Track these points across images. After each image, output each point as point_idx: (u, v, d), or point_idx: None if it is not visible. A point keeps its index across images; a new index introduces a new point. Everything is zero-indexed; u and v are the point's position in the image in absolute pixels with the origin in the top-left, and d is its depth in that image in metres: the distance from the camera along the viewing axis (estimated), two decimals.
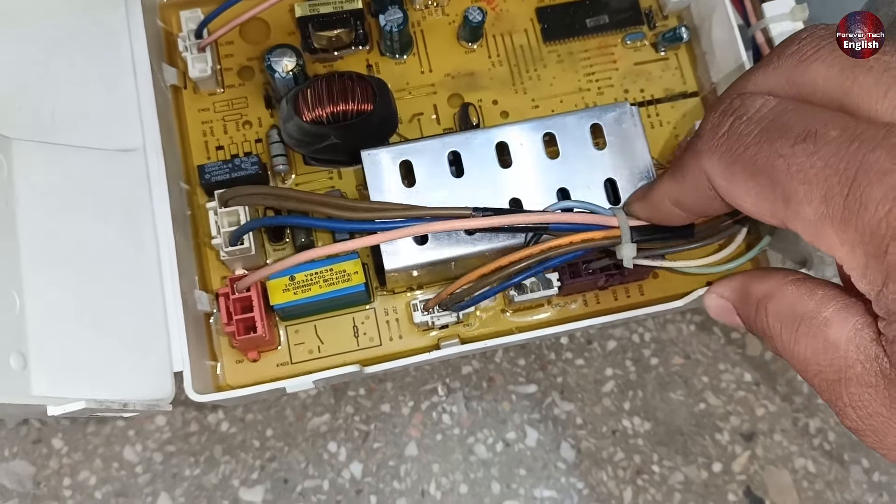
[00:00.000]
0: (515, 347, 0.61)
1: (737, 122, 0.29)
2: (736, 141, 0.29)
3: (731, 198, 0.30)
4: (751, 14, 0.49)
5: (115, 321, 0.42)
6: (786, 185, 0.27)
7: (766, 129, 0.28)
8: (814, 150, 0.26)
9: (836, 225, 0.25)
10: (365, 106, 0.44)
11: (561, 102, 0.51)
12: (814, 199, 0.26)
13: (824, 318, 0.28)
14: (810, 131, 0.26)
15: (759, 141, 0.28)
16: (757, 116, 0.29)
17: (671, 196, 0.35)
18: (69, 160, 0.43)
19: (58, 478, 0.58)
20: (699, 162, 0.31)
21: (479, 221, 0.39)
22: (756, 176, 0.28)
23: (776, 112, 0.28)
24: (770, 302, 0.31)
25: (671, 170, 0.34)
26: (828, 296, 0.29)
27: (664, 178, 0.35)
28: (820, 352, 0.28)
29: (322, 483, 0.58)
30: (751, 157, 0.28)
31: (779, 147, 0.27)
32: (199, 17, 0.48)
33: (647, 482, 0.58)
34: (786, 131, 0.27)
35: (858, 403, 0.27)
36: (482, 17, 0.50)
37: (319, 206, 0.41)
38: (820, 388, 0.28)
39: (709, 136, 0.30)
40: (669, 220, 0.37)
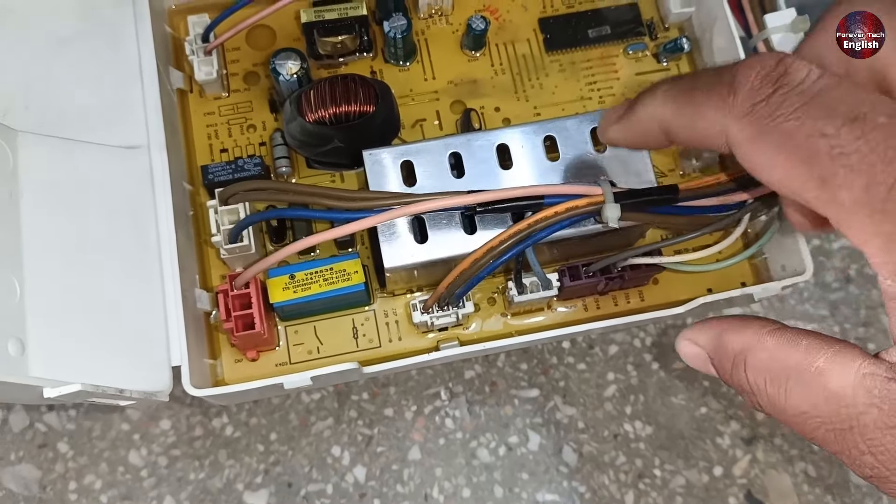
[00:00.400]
0: (517, 352, 0.61)
1: (779, 92, 0.27)
2: (775, 110, 0.27)
3: (755, 166, 0.28)
4: (752, 25, 0.49)
5: (114, 313, 0.42)
6: (825, 166, 0.25)
7: (810, 105, 0.26)
8: (861, 135, 0.25)
9: (876, 214, 0.24)
10: (367, 107, 0.45)
11: (562, 110, 0.52)
12: (854, 185, 0.25)
13: (817, 369, 0.27)
14: (859, 114, 0.25)
15: (802, 115, 0.26)
16: (801, 88, 0.27)
17: (665, 123, 0.32)
18: (73, 154, 0.44)
19: (63, 482, 0.58)
20: (725, 120, 0.29)
21: (472, 198, 0.40)
22: (791, 151, 0.26)
23: (821, 86, 0.27)
24: (749, 355, 0.29)
25: (674, 95, 0.32)
26: (813, 345, 0.27)
27: (658, 98, 0.33)
28: (820, 404, 0.26)
29: (326, 487, 0.58)
30: (789, 130, 0.26)
31: (822, 126, 0.26)
32: (206, 22, 0.49)
33: (649, 486, 0.58)
34: (832, 110, 0.26)
35: (879, 448, 0.25)
36: (485, 26, 0.50)
37: (318, 197, 0.41)
38: (825, 440, 0.27)
39: (745, 97, 0.28)
40: (647, 142, 0.35)
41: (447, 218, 0.42)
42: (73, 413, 0.60)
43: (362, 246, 0.49)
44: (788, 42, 0.48)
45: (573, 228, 0.42)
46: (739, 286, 0.48)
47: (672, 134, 0.32)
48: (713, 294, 0.45)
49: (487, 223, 0.42)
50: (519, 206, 0.40)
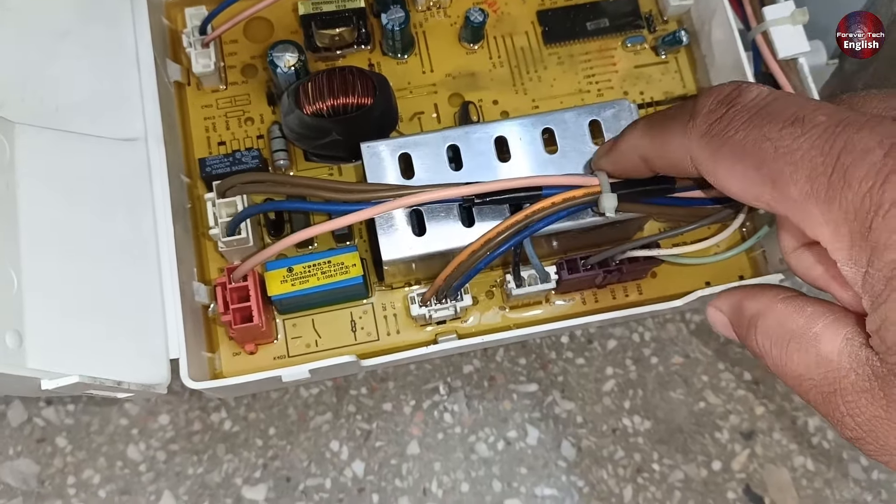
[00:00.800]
0: (516, 347, 0.61)
1: (731, 110, 0.29)
2: (727, 126, 0.29)
3: (717, 180, 0.30)
4: (751, 18, 0.49)
5: (112, 305, 0.42)
6: (772, 167, 0.27)
7: (757, 115, 0.28)
8: (800, 133, 0.26)
9: (821, 204, 0.25)
10: (365, 100, 0.45)
11: (561, 103, 0.52)
12: (799, 179, 0.26)
13: (814, 334, 0.28)
14: (798, 116, 0.27)
15: (749, 126, 0.28)
16: (751, 104, 0.29)
17: (643, 153, 0.35)
18: (71, 146, 0.44)
19: (62, 476, 0.58)
20: (687, 142, 0.31)
21: (470, 188, 0.40)
22: (743, 159, 0.28)
23: (768, 100, 0.29)
24: (760, 320, 0.31)
25: (649, 127, 0.35)
26: (818, 311, 0.29)
27: (637, 132, 0.36)
28: (813, 366, 0.28)
29: (324, 481, 0.58)
30: (739, 140, 0.28)
31: (767, 131, 0.27)
32: (203, 14, 0.49)
33: (648, 480, 0.58)
34: (775, 116, 0.27)
35: (856, 411, 0.26)
36: (483, 18, 0.50)
37: (315, 189, 0.41)
38: (816, 402, 0.28)
39: (703, 120, 0.30)
40: (633, 172, 0.38)
41: (445, 210, 0.42)
42: (72, 408, 0.60)
43: (360, 239, 0.48)
44: (787, 34, 0.47)
45: (571, 221, 0.42)
46: (737, 279, 0.48)
47: (650, 163, 0.35)
48: (711, 287, 0.45)
49: (485, 215, 0.42)
50: (517, 198, 0.40)
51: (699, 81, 0.53)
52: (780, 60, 0.47)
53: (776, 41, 0.47)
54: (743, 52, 0.48)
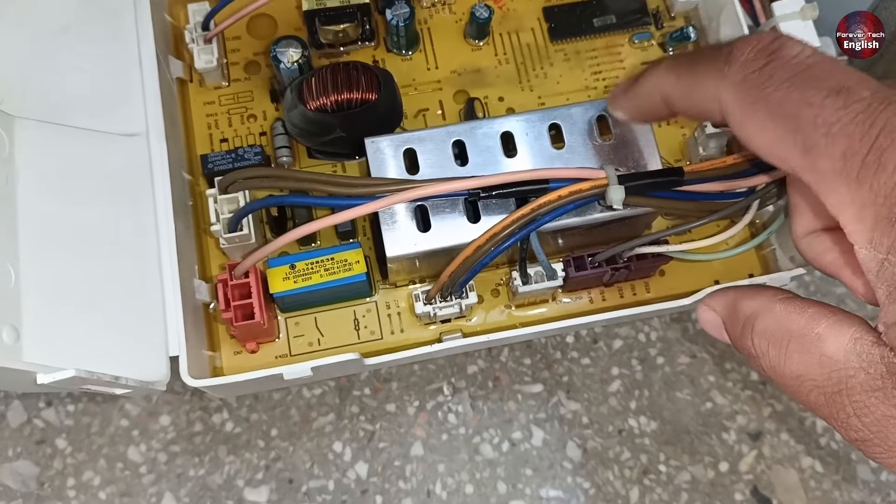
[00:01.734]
0: (521, 347, 0.60)
1: (772, 64, 0.29)
2: (766, 80, 0.28)
3: (744, 133, 0.29)
4: (760, 13, 0.49)
5: (111, 301, 0.42)
6: (808, 134, 0.26)
7: (800, 76, 0.28)
8: (843, 106, 0.26)
9: (851, 182, 0.25)
10: (369, 95, 0.44)
11: (567, 100, 0.52)
12: (833, 154, 0.25)
13: (817, 334, 0.28)
14: (843, 87, 0.26)
15: (790, 86, 0.27)
16: (794, 62, 0.28)
17: (667, 93, 0.34)
18: (71, 140, 0.43)
19: (62, 478, 0.58)
20: (719, 88, 0.30)
21: (475, 182, 0.39)
22: (779, 119, 0.27)
23: (812, 61, 0.28)
24: (757, 320, 0.30)
25: (676, 65, 0.33)
26: (819, 312, 0.28)
27: (662, 69, 0.34)
28: (815, 367, 0.27)
29: (327, 483, 0.58)
30: (778, 99, 0.28)
31: (809, 96, 0.27)
32: (206, 10, 0.48)
33: (654, 482, 0.57)
34: (819, 82, 0.27)
35: (864, 411, 0.26)
36: (489, 14, 0.50)
37: (318, 184, 0.40)
38: (817, 403, 0.28)
39: (739, 68, 0.29)
40: (652, 112, 0.36)
41: (450, 206, 0.42)
42: (72, 408, 0.59)
43: (364, 237, 0.48)
44: (797, 30, 0.47)
45: (579, 217, 0.42)
46: (747, 277, 0.47)
47: (672, 103, 0.34)
48: (720, 285, 0.45)
49: (491, 211, 0.41)
50: (523, 191, 0.40)
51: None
52: None
53: None
54: None
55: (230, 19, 0.48)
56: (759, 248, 0.49)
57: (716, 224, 0.45)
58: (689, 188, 0.40)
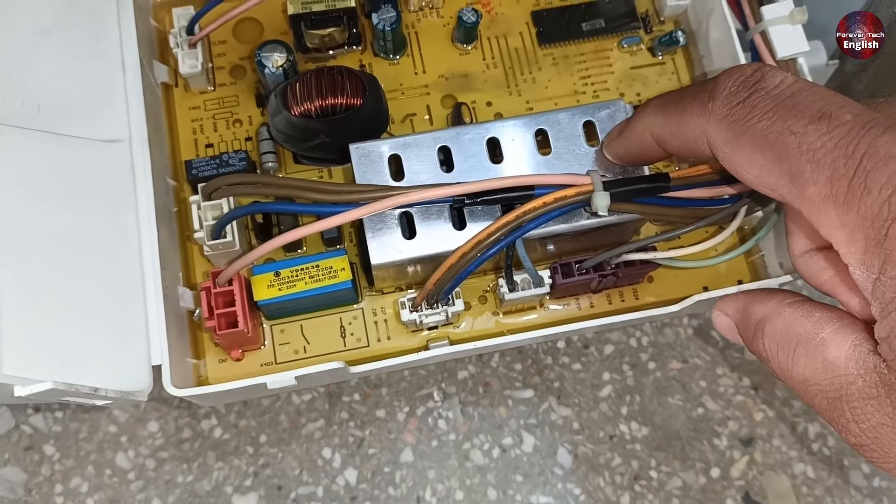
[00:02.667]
0: (511, 352, 0.60)
1: (754, 95, 0.29)
2: (750, 112, 0.29)
3: (734, 167, 0.30)
4: (749, 17, 0.48)
5: (91, 311, 0.41)
6: (794, 163, 0.27)
7: (782, 106, 0.28)
8: (826, 132, 0.26)
9: (839, 207, 0.25)
10: (354, 100, 0.44)
11: (555, 105, 0.51)
12: (819, 180, 0.26)
13: (822, 339, 0.28)
14: (825, 113, 0.27)
15: (773, 116, 0.28)
16: (775, 92, 0.29)
17: (657, 133, 0.35)
18: (52, 147, 0.43)
19: (49, 485, 0.58)
20: (705, 124, 0.31)
21: (460, 188, 0.39)
22: (764, 150, 0.28)
23: (794, 89, 0.29)
24: (767, 324, 0.31)
25: (663, 105, 0.34)
26: (825, 317, 0.29)
27: (650, 110, 0.35)
28: (819, 371, 0.28)
29: (316, 490, 0.57)
30: (762, 130, 0.28)
31: (792, 125, 0.27)
32: (191, 14, 0.48)
33: (645, 488, 0.57)
34: (801, 110, 0.27)
35: (861, 417, 0.26)
36: (476, 18, 0.49)
37: (303, 190, 0.40)
38: (821, 407, 0.28)
39: (722, 102, 0.30)
40: (645, 153, 0.37)
41: (436, 213, 0.41)
42: (60, 415, 0.59)
43: (350, 243, 0.48)
44: (786, 33, 0.47)
45: (565, 224, 0.41)
46: (736, 284, 0.47)
47: (663, 142, 0.35)
48: (709, 292, 0.44)
49: (477, 218, 0.41)
50: (508, 197, 0.40)
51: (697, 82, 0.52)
52: (779, 61, 0.47)
53: (775, 41, 0.47)
54: (741, 52, 0.47)
55: (215, 23, 0.47)
56: (748, 255, 0.48)
57: (704, 230, 0.45)
58: (675, 194, 0.40)
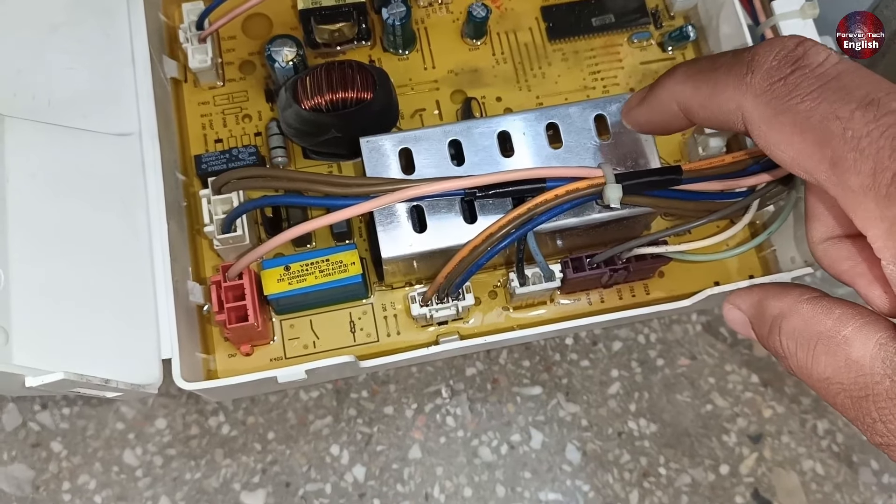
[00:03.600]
0: (520, 349, 0.60)
1: (797, 73, 0.28)
2: (792, 90, 0.28)
3: (769, 145, 0.29)
4: (759, 12, 0.48)
5: (102, 303, 0.42)
6: (836, 149, 0.26)
7: (827, 87, 0.27)
8: (873, 119, 0.25)
9: (881, 200, 0.25)
10: (365, 94, 0.44)
11: (565, 100, 0.51)
12: (863, 170, 0.25)
13: (844, 337, 0.27)
14: (872, 99, 0.26)
15: (818, 97, 0.27)
16: (819, 71, 0.28)
17: (684, 102, 0.34)
18: (62, 140, 0.43)
19: (57, 482, 0.57)
20: (741, 98, 0.30)
21: (471, 181, 0.39)
22: (805, 132, 0.27)
23: (839, 70, 0.27)
24: (784, 321, 0.30)
25: (694, 73, 0.33)
26: (846, 314, 0.28)
27: (678, 76, 0.34)
28: (842, 370, 0.27)
29: (324, 486, 0.57)
30: (805, 111, 0.27)
31: (838, 109, 0.26)
32: (200, 9, 0.48)
33: (654, 484, 0.57)
34: (847, 93, 0.26)
35: (889, 417, 0.26)
36: (486, 14, 0.49)
37: (313, 184, 0.40)
38: (844, 406, 0.27)
39: (763, 77, 0.29)
40: (669, 122, 0.36)
41: (447, 206, 0.41)
42: (67, 412, 0.59)
43: (360, 238, 0.48)
44: (797, 29, 0.47)
45: (577, 217, 0.41)
46: (747, 278, 0.47)
47: (691, 112, 0.33)
48: (720, 286, 0.44)
49: (488, 211, 0.41)
50: (519, 190, 0.39)
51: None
52: None
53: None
54: None
55: (224, 18, 0.47)
56: (760, 249, 0.48)
57: (715, 224, 0.44)
58: (687, 187, 0.40)
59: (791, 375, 0.32)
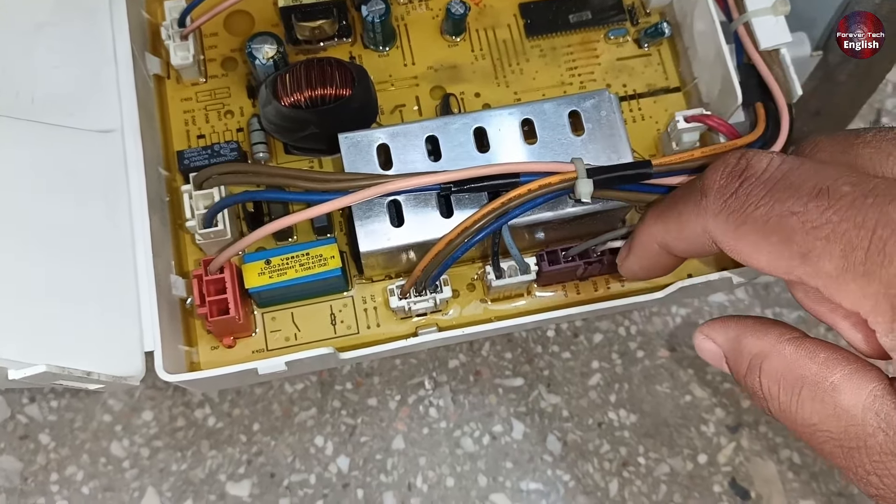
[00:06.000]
0: (502, 341, 0.61)
1: (745, 184, 0.29)
2: (745, 202, 0.28)
3: (742, 257, 0.29)
4: (732, 9, 0.49)
5: (84, 297, 0.42)
6: (801, 242, 0.26)
7: (776, 188, 0.28)
8: (828, 206, 0.26)
9: (859, 279, 0.25)
10: (343, 91, 0.44)
11: (543, 95, 0.52)
12: (833, 254, 0.25)
13: (832, 384, 0.27)
14: (822, 188, 0.26)
15: (770, 200, 0.27)
16: (765, 176, 0.28)
17: (660, 240, 0.34)
18: (46, 137, 0.43)
19: (45, 473, 0.58)
20: (703, 221, 0.30)
21: (447, 175, 0.40)
22: (768, 235, 0.27)
23: (783, 170, 0.28)
24: (765, 361, 0.29)
25: (660, 213, 0.34)
26: (832, 359, 0.27)
27: (649, 221, 0.35)
28: (830, 418, 0.27)
29: (309, 477, 0.58)
30: (762, 216, 0.27)
31: (791, 205, 0.27)
32: (182, 7, 0.48)
33: (633, 474, 0.58)
34: (797, 189, 0.27)
35: (884, 471, 0.25)
36: (465, 11, 0.50)
37: (293, 179, 0.41)
38: (833, 454, 0.27)
39: (715, 197, 0.29)
40: (659, 263, 0.37)
41: (424, 201, 0.42)
42: (55, 404, 0.59)
43: (340, 232, 0.48)
44: (769, 25, 0.47)
45: (552, 212, 0.42)
46: (719, 271, 0.47)
47: (670, 248, 0.34)
48: (693, 278, 0.45)
49: (464, 205, 0.42)
50: (494, 185, 0.40)
51: (682, 73, 0.52)
52: (761, 51, 0.47)
53: (758, 32, 0.47)
54: (724, 43, 0.48)
55: (206, 16, 0.48)
56: None
57: None
58: (658, 181, 0.40)
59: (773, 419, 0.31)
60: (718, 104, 0.49)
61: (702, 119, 0.46)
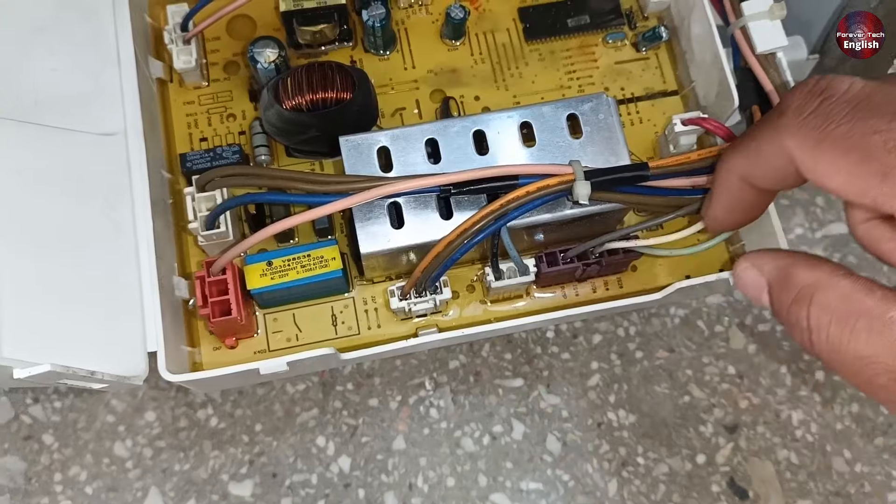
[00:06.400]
0: (501, 342, 0.61)
1: (826, 102, 0.29)
2: (825, 119, 0.28)
3: (817, 175, 0.29)
4: (730, 13, 0.49)
5: (88, 298, 0.43)
6: (884, 160, 0.26)
7: (858, 108, 0.28)
8: None
9: None
10: (344, 94, 0.45)
11: (542, 99, 0.52)
12: None
13: (891, 318, 0.27)
14: None
15: (852, 119, 0.27)
16: (847, 96, 0.28)
17: (741, 171, 0.34)
18: (48, 140, 0.44)
19: (49, 473, 0.59)
20: (780, 139, 0.30)
21: (446, 178, 0.40)
22: (849, 152, 0.27)
23: (865, 92, 0.28)
24: (818, 292, 0.29)
25: (739, 144, 0.33)
26: (888, 296, 0.27)
27: (727, 154, 0.34)
28: (887, 350, 0.26)
29: (310, 477, 0.58)
30: (843, 134, 0.27)
31: (874, 124, 0.27)
32: (185, 11, 0.49)
33: (632, 474, 0.58)
34: (879, 108, 0.27)
35: None
36: (464, 15, 0.51)
37: (294, 181, 0.41)
38: (886, 386, 0.27)
39: (794, 114, 0.29)
40: (742, 203, 0.36)
41: (424, 203, 0.42)
42: (59, 405, 0.60)
43: (341, 234, 0.49)
44: (765, 28, 0.48)
45: (550, 214, 0.42)
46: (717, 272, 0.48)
47: (750, 178, 0.34)
48: (691, 279, 0.45)
49: (464, 207, 0.42)
50: (493, 187, 0.41)
51: (679, 77, 0.53)
52: (758, 55, 0.47)
53: (754, 36, 0.47)
54: (721, 47, 0.48)
55: (209, 20, 0.48)
56: (730, 243, 0.49)
57: (686, 219, 0.46)
58: (655, 184, 0.41)
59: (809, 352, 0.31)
60: (715, 107, 0.49)
61: (699, 122, 0.46)
